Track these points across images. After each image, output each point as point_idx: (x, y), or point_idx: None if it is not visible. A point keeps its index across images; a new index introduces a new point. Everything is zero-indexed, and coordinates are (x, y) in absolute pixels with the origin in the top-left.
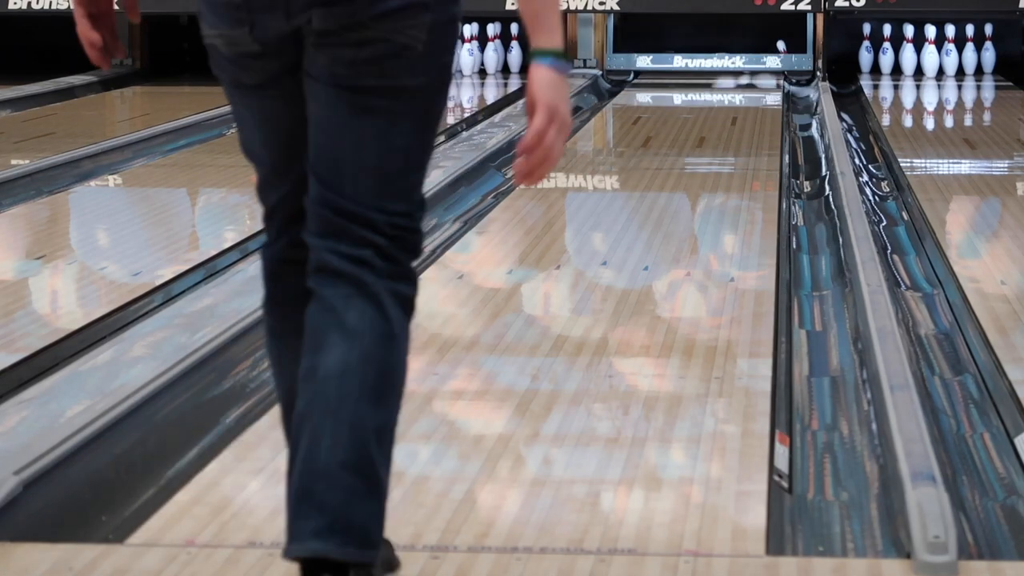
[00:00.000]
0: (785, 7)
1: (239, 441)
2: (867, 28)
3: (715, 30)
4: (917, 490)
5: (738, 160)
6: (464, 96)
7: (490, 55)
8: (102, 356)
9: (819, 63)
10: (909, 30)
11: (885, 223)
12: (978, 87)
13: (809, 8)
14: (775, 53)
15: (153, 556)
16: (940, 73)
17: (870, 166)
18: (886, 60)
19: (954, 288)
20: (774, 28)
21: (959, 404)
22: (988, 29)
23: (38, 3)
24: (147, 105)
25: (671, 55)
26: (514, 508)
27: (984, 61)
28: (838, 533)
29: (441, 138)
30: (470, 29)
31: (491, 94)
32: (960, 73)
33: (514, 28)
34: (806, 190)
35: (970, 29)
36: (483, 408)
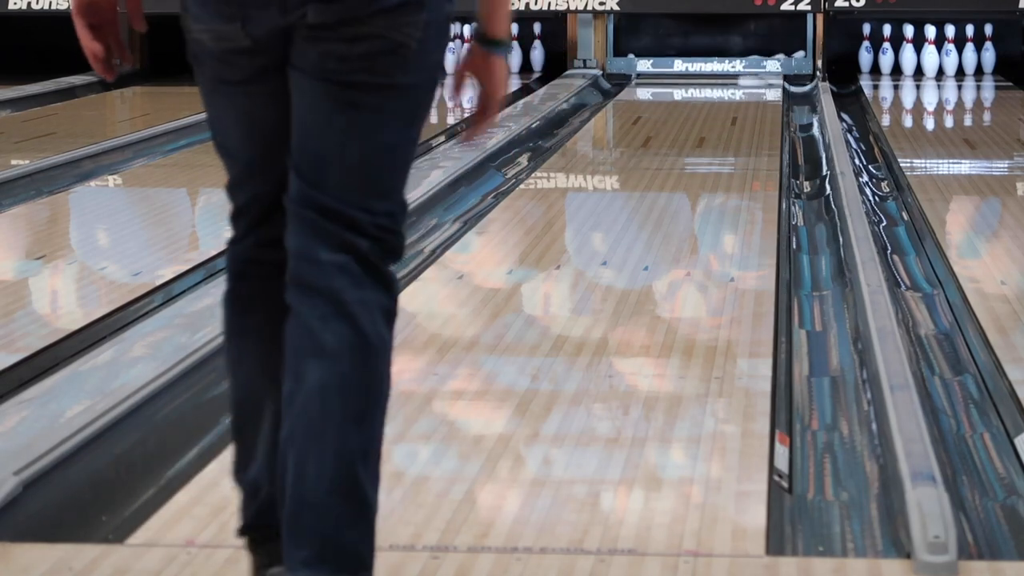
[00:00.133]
0: (785, 7)
1: None
2: (867, 28)
3: (715, 32)
4: (917, 490)
5: (738, 160)
6: (464, 96)
7: None
8: (102, 356)
9: (819, 63)
10: (909, 30)
11: (885, 223)
12: (978, 87)
13: (809, 8)
14: (775, 56)
15: (153, 556)
16: (940, 73)
17: (870, 166)
18: (886, 60)
19: (954, 288)
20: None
21: (959, 404)
22: (988, 29)
23: (38, 3)
24: (147, 105)
25: (671, 59)
26: (514, 508)
27: (984, 61)
28: (838, 533)
29: (441, 138)
30: (470, 29)
31: None
32: (960, 73)
33: (514, 28)
34: (806, 190)
35: (970, 29)
36: (483, 408)
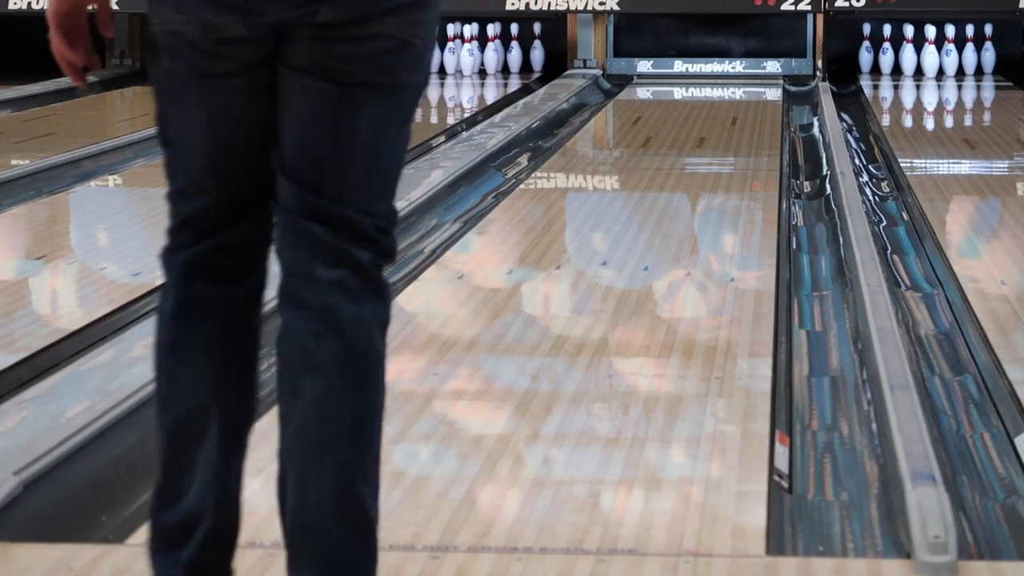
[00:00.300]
0: (785, 7)
1: None
2: (867, 28)
3: (715, 32)
4: (917, 490)
5: (738, 160)
6: (464, 96)
7: (490, 55)
8: (102, 356)
9: (819, 63)
10: (909, 30)
11: (885, 223)
12: (978, 87)
13: (809, 8)
14: (775, 57)
15: None
16: (940, 73)
17: (870, 166)
18: (886, 60)
19: (954, 288)
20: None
21: (959, 404)
22: (988, 29)
23: (38, 3)
24: (147, 105)
25: (671, 60)
26: (514, 508)
27: (984, 61)
28: (838, 533)
29: (441, 138)
30: (470, 29)
31: (491, 94)
32: (960, 73)
33: (514, 28)
34: (806, 190)
35: (970, 29)
36: (483, 408)
